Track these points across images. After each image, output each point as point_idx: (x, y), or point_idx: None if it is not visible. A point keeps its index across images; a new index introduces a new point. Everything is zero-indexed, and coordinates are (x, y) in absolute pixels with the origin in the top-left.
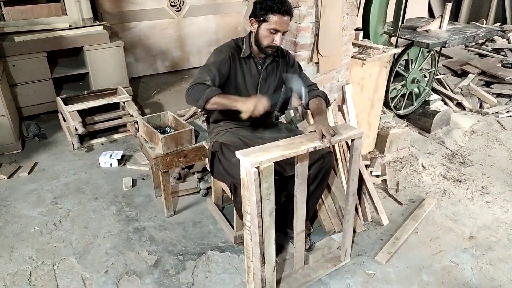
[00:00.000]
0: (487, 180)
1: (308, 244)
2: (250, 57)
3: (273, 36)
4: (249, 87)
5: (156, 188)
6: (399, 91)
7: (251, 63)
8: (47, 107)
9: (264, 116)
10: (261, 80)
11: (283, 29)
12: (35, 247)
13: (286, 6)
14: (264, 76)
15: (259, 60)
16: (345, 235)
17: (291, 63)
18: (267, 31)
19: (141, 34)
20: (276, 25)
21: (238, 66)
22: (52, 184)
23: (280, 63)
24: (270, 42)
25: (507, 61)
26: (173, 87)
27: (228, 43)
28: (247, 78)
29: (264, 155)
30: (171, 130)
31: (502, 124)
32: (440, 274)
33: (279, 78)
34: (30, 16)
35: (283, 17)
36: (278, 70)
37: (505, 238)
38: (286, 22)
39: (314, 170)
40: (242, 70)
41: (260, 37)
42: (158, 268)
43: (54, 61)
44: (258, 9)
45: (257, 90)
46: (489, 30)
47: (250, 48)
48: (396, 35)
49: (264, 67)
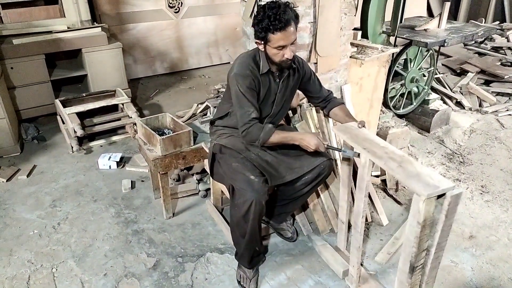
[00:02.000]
0: (486, 179)
1: (290, 232)
2: (268, 73)
3: (282, 52)
4: (267, 101)
5: (155, 190)
6: (398, 90)
7: (270, 78)
8: (46, 109)
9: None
10: (279, 93)
11: (290, 42)
12: (34, 250)
13: (283, 20)
14: (281, 89)
15: (277, 73)
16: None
17: (308, 75)
18: (274, 49)
19: (139, 36)
20: (280, 42)
21: (261, 84)
22: (51, 187)
23: (295, 73)
24: (281, 58)
25: (506, 59)
26: (172, 88)
27: (245, 61)
28: (267, 93)
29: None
30: (170, 132)
31: (502, 123)
32: (440, 274)
33: (294, 87)
34: (28, 18)
35: (285, 32)
36: (294, 79)
37: (505, 237)
38: (290, 33)
39: (313, 175)
40: (263, 87)
41: (270, 56)
42: (157, 270)
43: (52, 64)
44: (257, 32)
45: (274, 103)
46: (488, 29)
47: (269, 64)
48: (395, 35)
49: (281, 81)
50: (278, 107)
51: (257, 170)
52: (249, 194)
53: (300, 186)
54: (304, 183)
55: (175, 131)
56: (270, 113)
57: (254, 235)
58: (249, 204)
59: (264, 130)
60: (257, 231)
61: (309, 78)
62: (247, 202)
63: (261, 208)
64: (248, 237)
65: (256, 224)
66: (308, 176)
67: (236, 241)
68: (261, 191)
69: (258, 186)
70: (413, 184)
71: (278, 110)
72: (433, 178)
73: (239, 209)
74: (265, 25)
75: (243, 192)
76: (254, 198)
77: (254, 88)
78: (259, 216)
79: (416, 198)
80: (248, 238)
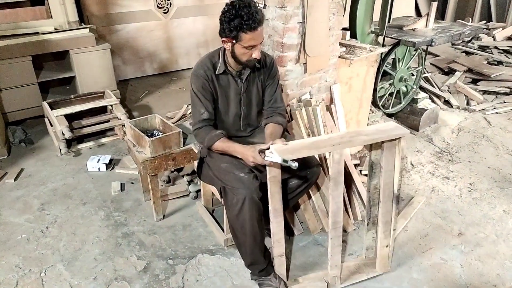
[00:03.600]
0: (474, 176)
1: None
2: (226, 73)
3: (251, 52)
4: (232, 102)
5: (145, 192)
6: (387, 90)
7: (229, 77)
8: (33, 112)
9: (251, 127)
10: (243, 93)
11: (259, 42)
12: (21, 255)
13: (257, 19)
14: (245, 87)
15: (237, 73)
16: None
17: (272, 75)
18: (243, 49)
19: (128, 37)
20: (251, 42)
21: (217, 84)
22: (39, 190)
23: (261, 70)
24: (249, 57)
25: (493, 58)
26: (161, 89)
27: (203, 61)
28: (229, 94)
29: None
30: (159, 133)
31: (489, 121)
32: (430, 272)
33: (262, 86)
34: (15, 19)
35: (256, 32)
36: (260, 78)
37: (493, 234)
38: (260, 33)
39: (300, 180)
40: (221, 87)
41: (237, 55)
42: (148, 273)
43: (39, 65)
44: (227, 30)
45: (241, 103)
46: (475, 28)
47: (225, 64)
48: (383, 34)
49: (245, 79)
50: (249, 107)
51: (246, 168)
52: (241, 191)
53: (289, 189)
54: (292, 186)
55: (165, 132)
56: (240, 114)
57: (256, 235)
58: (242, 201)
59: (209, 135)
60: (258, 231)
61: (273, 81)
62: (240, 200)
63: (255, 204)
64: (251, 238)
65: (255, 223)
66: (297, 181)
67: (241, 247)
68: (252, 187)
69: (249, 182)
70: (386, 134)
71: (249, 110)
72: (387, 126)
73: (233, 209)
74: (237, 24)
75: (235, 191)
76: (246, 194)
77: (209, 88)
78: (256, 214)
79: (393, 143)
80: (251, 240)
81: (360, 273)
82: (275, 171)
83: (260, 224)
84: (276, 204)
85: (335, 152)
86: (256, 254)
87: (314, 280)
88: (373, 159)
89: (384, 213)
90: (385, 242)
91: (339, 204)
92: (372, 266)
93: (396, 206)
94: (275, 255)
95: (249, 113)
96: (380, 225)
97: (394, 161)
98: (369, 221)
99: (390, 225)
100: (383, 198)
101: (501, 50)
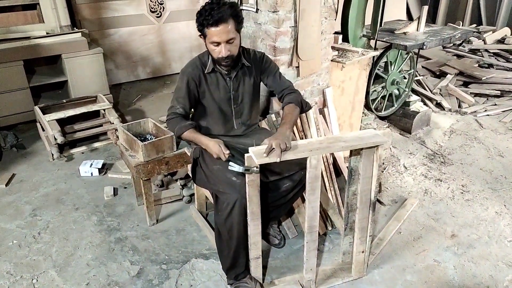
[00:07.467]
0: (467, 178)
1: (277, 239)
2: (215, 71)
3: (217, 48)
4: (222, 101)
5: (138, 197)
6: (379, 93)
7: (218, 76)
8: (25, 116)
9: (245, 126)
10: (233, 91)
11: (223, 39)
12: (13, 261)
13: (216, 16)
14: (235, 86)
15: (226, 71)
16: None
17: (266, 65)
18: (211, 45)
19: (121, 41)
20: (214, 38)
21: (205, 84)
22: (30, 196)
23: (252, 68)
24: (217, 55)
25: (484, 61)
26: (155, 94)
27: (193, 61)
28: (218, 92)
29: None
30: (152, 137)
31: (480, 123)
32: (424, 273)
33: (254, 84)
34: (6, 24)
35: (217, 28)
36: (251, 76)
37: (486, 236)
38: (223, 31)
39: (293, 182)
40: (210, 86)
41: (210, 52)
42: (141, 278)
43: (31, 70)
44: (197, 25)
45: (231, 101)
46: (465, 32)
47: (214, 63)
48: (375, 38)
49: (234, 77)
50: (240, 106)
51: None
52: (232, 196)
53: (282, 193)
54: (285, 190)
55: (158, 136)
56: (231, 112)
57: (241, 239)
58: (232, 205)
59: (179, 125)
60: (244, 235)
61: (269, 69)
62: (230, 203)
63: (245, 209)
64: (236, 242)
65: (242, 228)
66: (289, 184)
67: (224, 250)
68: (243, 191)
69: (240, 187)
70: (364, 141)
71: (241, 109)
72: (366, 134)
73: (222, 213)
74: (201, 19)
75: (226, 196)
76: (237, 198)
77: (193, 88)
78: (244, 218)
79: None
80: (235, 243)
81: (336, 277)
82: (254, 175)
83: (247, 229)
84: (254, 207)
85: (312, 157)
86: (237, 258)
87: (290, 283)
88: (352, 165)
89: (361, 219)
90: (361, 248)
91: (315, 209)
92: (348, 271)
93: (372, 212)
94: (251, 257)
95: (241, 111)
96: (356, 231)
97: (372, 169)
98: (347, 226)
99: (366, 231)
100: (360, 204)
101: (491, 53)
